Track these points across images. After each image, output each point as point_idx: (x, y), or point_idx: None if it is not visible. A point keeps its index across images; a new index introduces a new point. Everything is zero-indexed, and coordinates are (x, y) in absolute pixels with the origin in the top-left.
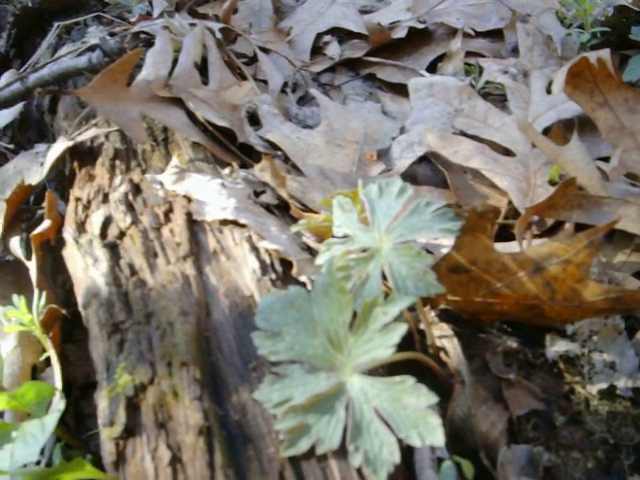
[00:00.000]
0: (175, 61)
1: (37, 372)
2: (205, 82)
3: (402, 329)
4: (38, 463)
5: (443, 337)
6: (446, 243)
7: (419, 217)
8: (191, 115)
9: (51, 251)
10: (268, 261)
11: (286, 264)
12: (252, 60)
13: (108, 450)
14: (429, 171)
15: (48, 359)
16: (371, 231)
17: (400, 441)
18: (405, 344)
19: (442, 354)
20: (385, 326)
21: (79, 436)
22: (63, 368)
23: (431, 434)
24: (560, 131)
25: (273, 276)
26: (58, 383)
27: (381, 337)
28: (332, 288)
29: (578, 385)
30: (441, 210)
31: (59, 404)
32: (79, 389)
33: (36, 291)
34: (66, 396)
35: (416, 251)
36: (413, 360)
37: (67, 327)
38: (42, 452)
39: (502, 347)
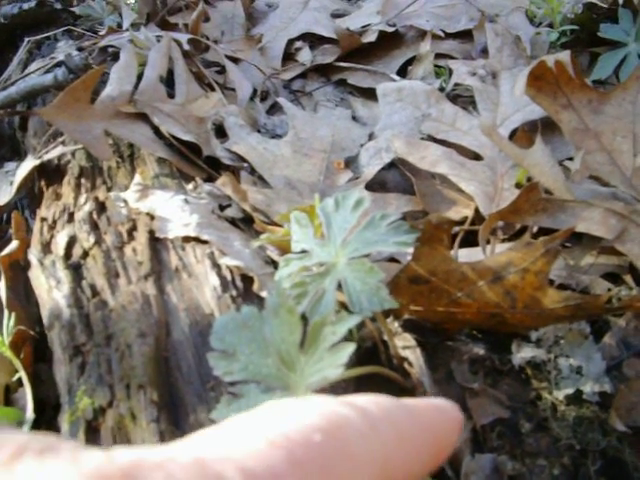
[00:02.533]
0: (140, 75)
1: (10, 392)
2: (172, 95)
3: (350, 349)
4: None
5: (406, 348)
6: (411, 252)
7: (374, 230)
8: (157, 130)
9: (24, 270)
10: (229, 278)
11: (248, 280)
12: (224, 69)
13: None
14: (398, 177)
15: (20, 379)
16: (327, 246)
17: None
18: (371, 355)
19: (406, 364)
20: (334, 346)
21: None
22: (36, 388)
23: None
24: (525, 134)
25: (234, 293)
26: (29, 404)
27: (330, 357)
28: (282, 308)
29: (545, 391)
30: (396, 223)
31: (24, 428)
32: (52, 409)
33: (6, 312)
34: (39, 416)
35: (369, 266)
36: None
37: (41, 346)
38: None
39: (468, 355)
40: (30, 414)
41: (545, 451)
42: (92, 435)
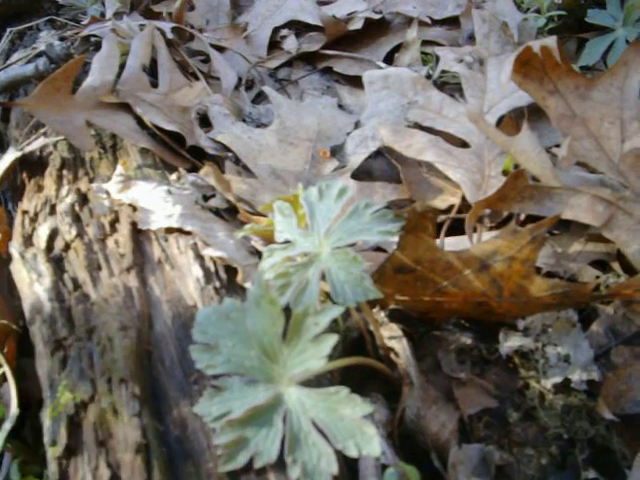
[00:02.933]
0: (123, 65)
1: None
2: (155, 85)
3: (333, 340)
4: None
5: (392, 338)
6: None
7: (358, 220)
8: (140, 120)
9: (7, 264)
10: (213, 269)
11: (232, 270)
12: (209, 58)
13: (52, 470)
14: (385, 166)
15: (4, 374)
16: (311, 236)
17: (339, 451)
18: (357, 345)
19: (392, 355)
20: (316, 337)
21: (37, 451)
22: (20, 383)
23: (368, 444)
24: (512, 120)
25: (217, 284)
26: (13, 399)
27: (313, 348)
28: (263, 300)
29: (533, 380)
30: (381, 212)
31: (7, 424)
32: (37, 404)
33: None
34: (24, 411)
35: (352, 256)
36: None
37: (25, 341)
38: None
39: (455, 344)
40: (14, 409)
41: (533, 440)
42: (74, 430)
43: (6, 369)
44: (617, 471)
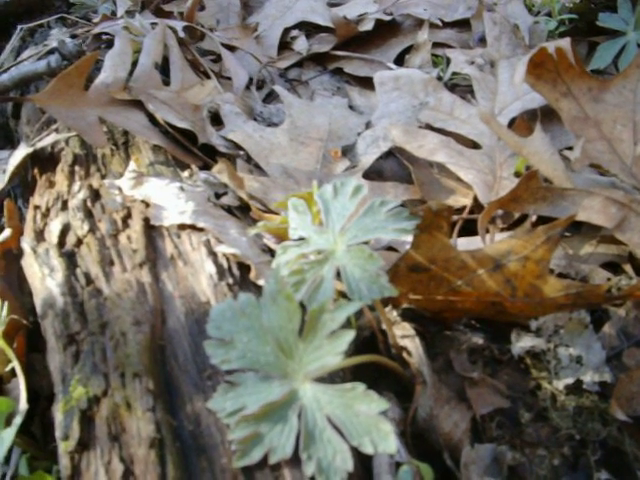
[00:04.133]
0: (135, 63)
1: (3, 382)
2: (167, 83)
3: (350, 336)
4: (3, 477)
5: (405, 337)
6: (410, 240)
7: (373, 217)
8: (152, 117)
9: (17, 259)
10: (226, 265)
11: (245, 267)
12: (220, 57)
13: (64, 464)
14: (396, 166)
15: (14, 369)
16: (325, 233)
17: (354, 448)
18: (369, 344)
19: (405, 354)
20: (333, 333)
21: (46, 447)
22: (29, 378)
23: (384, 441)
24: (524, 122)
25: (230, 281)
26: (23, 394)
27: (330, 344)
28: (280, 295)
29: (544, 381)
30: (396, 210)
31: (17, 418)
32: (46, 399)
33: None
34: (33, 406)
35: (368, 253)
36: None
37: (34, 336)
38: (7, 464)
39: (467, 344)
40: (23, 404)
41: (545, 441)
42: (86, 425)
43: (16, 364)
44: (629, 473)
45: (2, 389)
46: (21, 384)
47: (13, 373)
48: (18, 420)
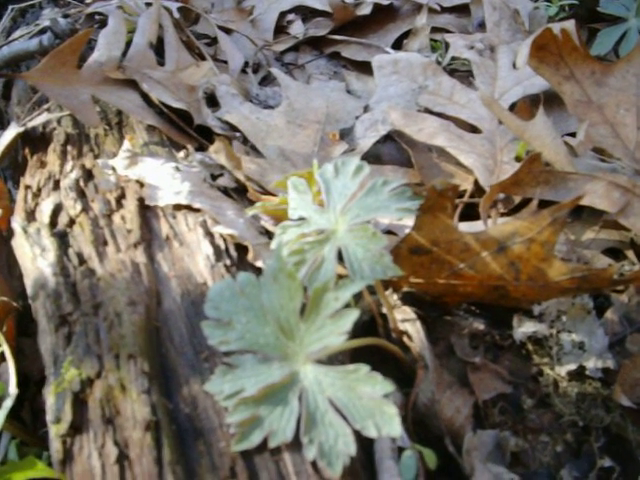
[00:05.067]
0: (129, 42)
1: None
2: (162, 63)
3: (354, 315)
4: None
5: (406, 321)
6: (410, 223)
7: (376, 197)
8: (146, 97)
9: (7, 242)
10: (223, 246)
11: (242, 249)
12: (214, 41)
13: (55, 448)
14: (394, 150)
15: (3, 353)
16: (326, 212)
17: (357, 432)
18: (368, 328)
19: (405, 338)
20: (336, 312)
21: (36, 432)
22: (19, 362)
23: (388, 424)
24: (526, 106)
25: (228, 262)
26: (12, 378)
27: (333, 324)
28: (281, 273)
29: (547, 366)
30: (399, 189)
31: (7, 402)
32: (36, 384)
33: None
34: (22, 391)
35: (371, 232)
36: (376, 345)
37: (24, 320)
38: None
39: (468, 329)
40: (13, 389)
41: (548, 427)
42: (79, 407)
43: (5, 348)
44: (632, 459)
45: None
46: (10, 368)
47: (2, 357)
48: (9, 403)
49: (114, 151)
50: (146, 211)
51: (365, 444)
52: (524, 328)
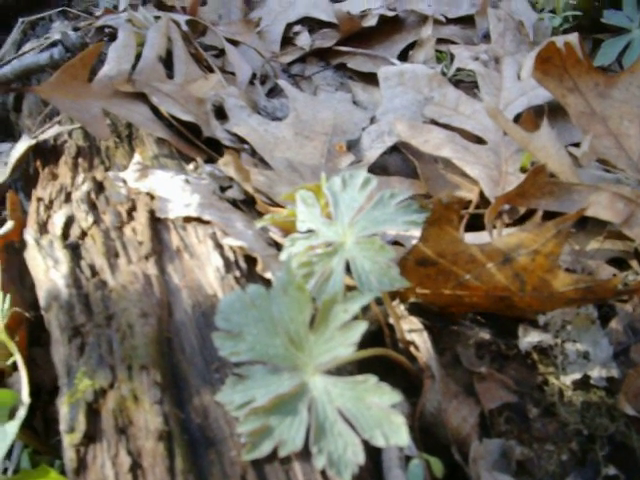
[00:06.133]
0: (139, 55)
1: (5, 376)
2: (170, 76)
3: (362, 327)
4: (5, 471)
5: (413, 331)
6: (417, 235)
7: (383, 210)
8: (156, 110)
9: (19, 253)
10: (232, 258)
11: (251, 261)
12: (221, 52)
13: (69, 457)
14: (400, 161)
15: (15, 363)
16: (334, 225)
17: (365, 441)
18: (375, 339)
19: (412, 348)
20: (345, 324)
21: (48, 441)
22: (31, 372)
23: (395, 434)
24: (531, 117)
25: (237, 273)
26: (25, 388)
27: (341, 335)
28: (291, 286)
29: (552, 376)
30: (405, 202)
31: (21, 411)
32: (47, 393)
33: (0, 294)
34: (34, 400)
35: (379, 245)
36: (383, 355)
37: (35, 330)
38: (9, 458)
39: (474, 339)
40: (26, 398)
41: (553, 436)
42: (92, 417)
43: (18, 358)
44: (636, 468)
45: (4, 383)
46: (23, 378)
47: (15, 367)
48: (22, 413)
49: (124, 164)
50: (157, 223)
51: (373, 453)
52: (529, 338)
